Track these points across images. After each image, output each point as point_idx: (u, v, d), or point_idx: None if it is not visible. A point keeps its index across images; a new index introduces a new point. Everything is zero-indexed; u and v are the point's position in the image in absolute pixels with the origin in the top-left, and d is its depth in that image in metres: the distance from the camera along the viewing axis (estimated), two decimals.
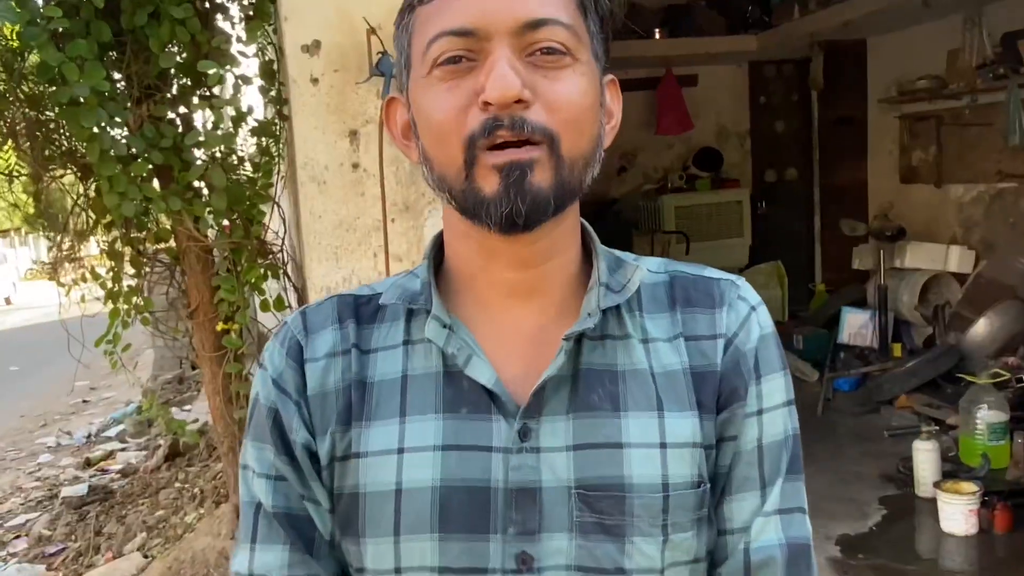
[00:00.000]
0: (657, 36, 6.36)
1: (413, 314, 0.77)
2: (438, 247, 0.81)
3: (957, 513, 2.81)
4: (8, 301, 21.26)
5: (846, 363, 4.98)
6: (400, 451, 0.73)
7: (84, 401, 9.17)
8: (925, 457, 3.11)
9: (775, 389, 0.76)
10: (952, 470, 3.17)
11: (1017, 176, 4.81)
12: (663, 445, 0.73)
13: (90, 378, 10.17)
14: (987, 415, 3.31)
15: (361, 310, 0.79)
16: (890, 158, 6.05)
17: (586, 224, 0.80)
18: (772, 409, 0.76)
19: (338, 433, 0.75)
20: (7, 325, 16.85)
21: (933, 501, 2.94)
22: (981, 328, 4.23)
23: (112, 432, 7.14)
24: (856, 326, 5.18)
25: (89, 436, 7.24)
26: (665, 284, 0.79)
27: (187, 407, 6.90)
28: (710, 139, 7.15)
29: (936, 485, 2.91)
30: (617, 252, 0.81)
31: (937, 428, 3.50)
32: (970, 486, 2.86)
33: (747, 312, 0.77)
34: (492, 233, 0.70)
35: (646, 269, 0.79)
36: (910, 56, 5.62)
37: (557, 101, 0.68)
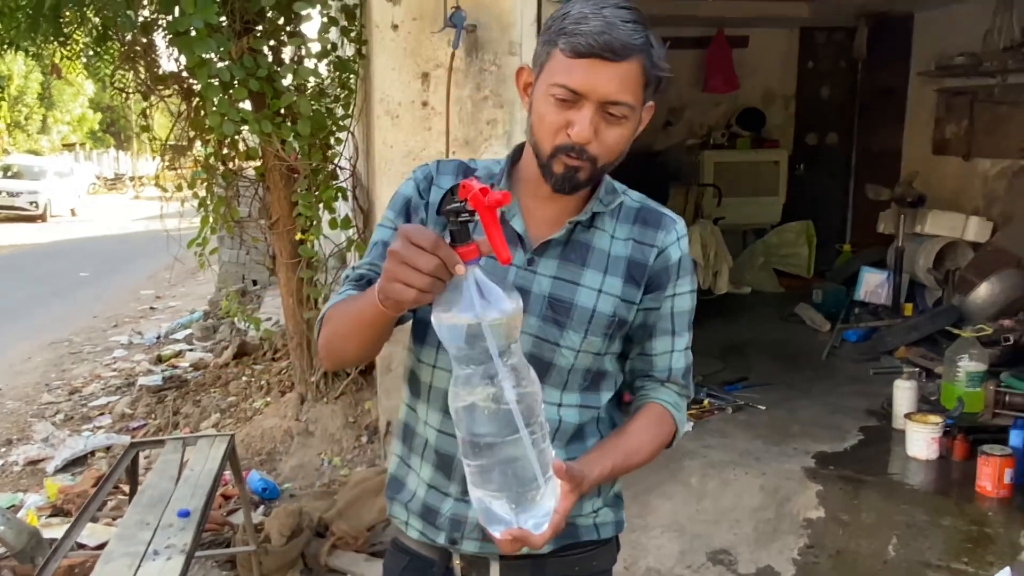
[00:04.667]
0: None
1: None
2: (518, 150, 1.35)
3: (921, 440, 3.21)
4: (73, 212, 21.94)
5: (858, 317, 5.34)
6: None
7: (151, 308, 9.72)
8: (903, 394, 3.51)
9: (684, 284, 1.35)
10: (930, 410, 3.55)
11: None
12: (599, 291, 1.30)
13: (155, 288, 10.84)
14: (968, 364, 3.68)
15: (467, 172, 1.35)
16: (925, 129, 6.26)
17: None
18: (682, 294, 1.35)
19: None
20: (74, 235, 17.65)
21: (905, 433, 3.34)
22: (983, 291, 4.52)
23: (179, 335, 7.67)
24: (873, 284, 5.52)
25: (159, 337, 7.77)
26: (636, 208, 1.35)
27: None
28: (756, 100, 7.39)
29: (907, 416, 3.31)
30: (616, 184, 1.35)
31: (918, 371, 3.88)
32: (936, 418, 3.26)
33: (676, 238, 1.34)
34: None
35: (630, 198, 1.35)
36: (951, 32, 5.81)
37: (607, 143, 1.21)
